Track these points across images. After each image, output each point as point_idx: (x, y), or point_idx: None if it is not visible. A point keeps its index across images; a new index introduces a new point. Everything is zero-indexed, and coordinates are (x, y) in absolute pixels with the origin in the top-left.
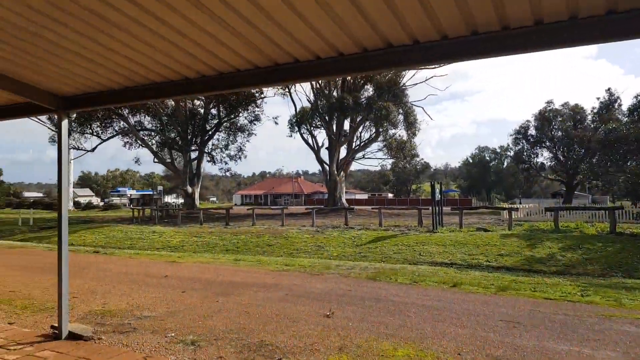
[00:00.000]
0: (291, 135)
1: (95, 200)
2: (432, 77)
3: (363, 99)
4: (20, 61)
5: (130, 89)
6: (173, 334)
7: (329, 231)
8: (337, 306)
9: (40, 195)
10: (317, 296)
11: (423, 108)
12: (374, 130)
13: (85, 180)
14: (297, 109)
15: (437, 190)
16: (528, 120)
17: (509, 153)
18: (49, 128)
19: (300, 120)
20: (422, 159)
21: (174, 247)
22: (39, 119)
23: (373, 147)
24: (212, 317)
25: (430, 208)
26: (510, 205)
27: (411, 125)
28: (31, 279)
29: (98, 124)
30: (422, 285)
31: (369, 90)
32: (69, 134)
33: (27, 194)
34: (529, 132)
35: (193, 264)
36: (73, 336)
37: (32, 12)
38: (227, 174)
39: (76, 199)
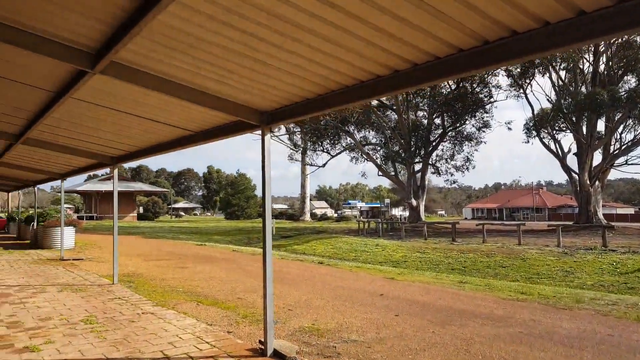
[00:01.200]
0: (528, 141)
1: (330, 212)
2: None
3: (622, 93)
4: (231, 82)
5: (321, 96)
6: None
7: (580, 253)
8: (592, 357)
9: (285, 207)
10: (563, 339)
11: None
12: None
13: (321, 194)
14: (535, 111)
15: None
16: None
17: None
18: (287, 147)
19: (539, 124)
20: None
21: (396, 262)
22: (280, 139)
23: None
24: (424, 351)
25: None
26: None
27: None
28: (260, 285)
29: (328, 141)
30: None
31: (629, 82)
32: (304, 152)
33: (275, 206)
34: None
35: (412, 282)
36: (277, 354)
37: (237, 33)
38: (454, 185)
39: (313, 211)
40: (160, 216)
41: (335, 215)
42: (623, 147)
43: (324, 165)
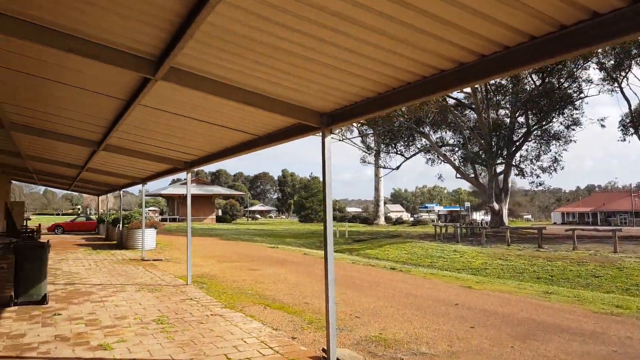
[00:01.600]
0: (624, 139)
1: (405, 216)
2: None
3: None
4: (288, 83)
5: (382, 95)
6: None
7: None
8: None
9: (359, 210)
10: None
11: None
12: None
13: (396, 197)
14: (632, 107)
15: None
16: None
17: None
18: (360, 149)
19: (637, 120)
20: None
21: (475, 269)
22: (352, 142)
23: None
24: None
25: None
26: None
27: None
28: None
29: (402, 142)
30: None
31: None
32: (378, 155)
33: (349, 209)
34: None
35: (491, 292)
36: None
37: (291, 33)
38: (540, 188)
39: (388, 214)
40: (238, 219)
41: (411, 219)
42: None
43: (397, 167)
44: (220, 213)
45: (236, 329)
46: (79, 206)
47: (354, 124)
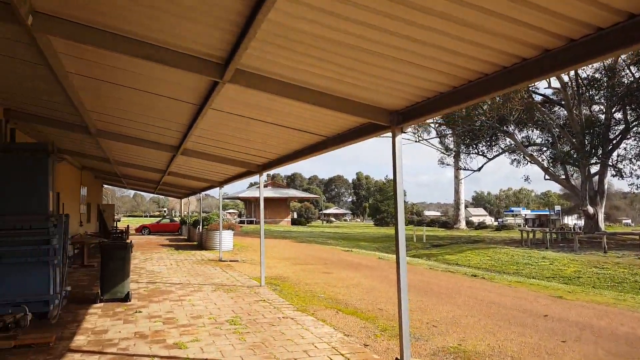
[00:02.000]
0: None
1: (489, 220)
2: None
3: None
4: (354, 80)
5: (457, 88)
6: None
7: None
8: None
9: (438, 214)
10: None
11: None
12: None
13: (478, 200)
14: None
15: None
16: None
17: None
18: (438, 150)
19: None
20: None
21: (566, 277)
22: (429, 143)
23: None
24: None
25: None
26: None
27: None
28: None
29: (483, 143)
30: None
31: None
32: (457, 156)
33: (427, 213)
34: None
35: (585, 303)
36: None
37: (355, 26)
38: None
39: (469, 218)
40: (312, 221)
41: (495, 223)
42: None
43: (479, 169)
44: (295, 216)
45: (307, 333)
46: (165, 208)
47: (431, 125)
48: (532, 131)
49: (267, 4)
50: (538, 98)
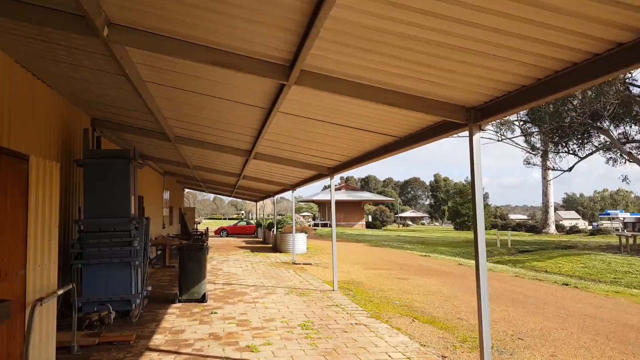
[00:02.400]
0: None
1: (582, 224)
2: None
3: None
4: (426, 77)
5: (541, 81)
6: None
7: None
8: None
9: (525, 217)
10: None
11: None
12: None
13: (569, 202)
14: None
15: None
16: None
17: None
18: (523, 149)
19: None
20: None
21: None
22: (514, 142)
23: None
24: None
25: None
26: None
27: None
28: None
29: (574, 140)
30: None
31: None
32: (545, 155)
33: (512, 216)
34: None
35: None
36: None
37: (426, 18)
38: None
39: (559, 222)
40: (388, 225)
41: (589, 227)
42: None
43: (569, 169)
44: (370, 219)
45: (381, 342)
46: (243, 211)
47: (515, 122)
48: (630, 127)
49: (329, 1)
50: (636, 91)
